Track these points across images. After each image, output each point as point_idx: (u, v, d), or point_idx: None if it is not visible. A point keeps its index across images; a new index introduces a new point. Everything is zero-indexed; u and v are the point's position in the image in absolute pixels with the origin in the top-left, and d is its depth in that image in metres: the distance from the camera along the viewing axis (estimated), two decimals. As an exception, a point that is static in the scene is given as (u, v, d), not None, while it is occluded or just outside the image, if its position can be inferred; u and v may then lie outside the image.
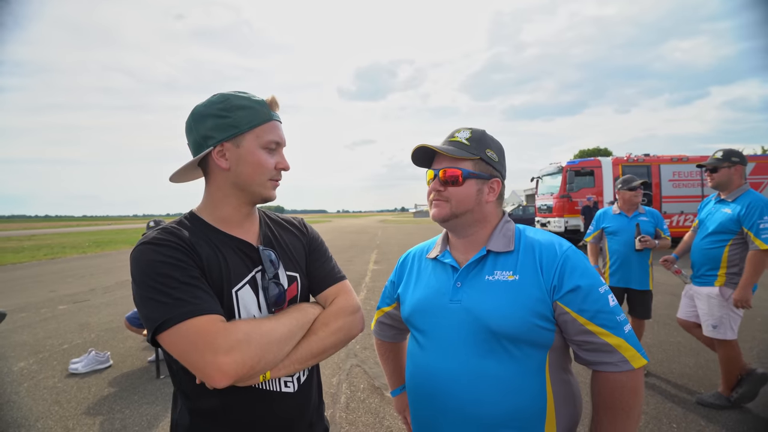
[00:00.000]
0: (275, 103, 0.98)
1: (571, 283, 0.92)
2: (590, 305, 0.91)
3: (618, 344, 0.91)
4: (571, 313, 0.92)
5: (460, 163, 1.01)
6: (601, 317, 0.91)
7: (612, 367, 0.92)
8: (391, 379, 1.39)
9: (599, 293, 0.93)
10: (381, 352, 1.40)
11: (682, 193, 13.51)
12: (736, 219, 2.68)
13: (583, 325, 0.92)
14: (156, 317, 0.80)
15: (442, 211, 1.03)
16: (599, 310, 0.92)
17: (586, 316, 0.91)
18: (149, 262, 0.84)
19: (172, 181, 1.02)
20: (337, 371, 3.79)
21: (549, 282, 0.94)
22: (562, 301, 0.93)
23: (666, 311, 5.47)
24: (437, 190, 1.04)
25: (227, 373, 0.78)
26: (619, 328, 0.92)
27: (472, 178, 1.01)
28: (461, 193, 1.01)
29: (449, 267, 1.07)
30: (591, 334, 0.92)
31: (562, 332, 0.97)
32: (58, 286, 8.87)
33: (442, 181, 1.02)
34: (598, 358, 0.93)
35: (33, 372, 3.94)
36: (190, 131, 0.95)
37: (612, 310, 0.93)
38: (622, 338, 0.91)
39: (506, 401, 0.92)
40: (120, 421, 2.96)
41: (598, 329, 0.91)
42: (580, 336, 0.93)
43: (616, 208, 3.60)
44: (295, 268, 1.07)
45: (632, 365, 0.91)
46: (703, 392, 3.07)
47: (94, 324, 5.61)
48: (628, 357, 0.91)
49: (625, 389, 0.91)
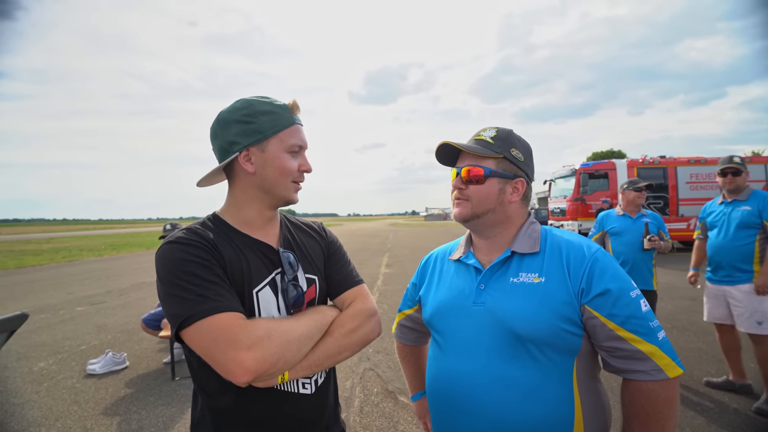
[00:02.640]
0: (296, 106, 1.00)
1: (600, 287, 0.89)
2: (621, 310, 0.88)
3: (651, 351, 0.86)
4: (600, 317, 0.88)
5: (482, 161, 1.00)
6: (632, 322, 0.87)
7: (645, 376, 0.87)
8: (411, 384, 1.36)
9: (630, 297, 0.89)
10: (402, 355, 1.36)
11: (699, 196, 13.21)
12: (756, 213, 2.89)
13: (613, 331, 0.88)
14: (180, 313, 0.82)
15: (464, 211, 1.02)
16: (630, 315, 0.87)
17: (616, 321, 0.87)
18: (175, 260, 0.86)
19: (199, 186, 1.04)
20: (351, 375, 3.79)
21: (577, 285, 0.91)
22: (590, 305, 0.89)
23: (686, 316, 5.35)
24: (459, 188, 1.02)
25: (248, 369, 0.78)
26: (652, 334, 0.87)
27: (494, 176, 0.99)
28: (482, 192, 0.99)
29: (472, 268, 1.05)
30: (622, 341, 0.88)
31: (590, 338, 0.93)
32: (76, 288, 9.06)
33: (464, 179, 1.01)
34: (630, 365, 0.89)
35: (52, 372, 4.03)
36: (215, 137, 0.97)
37: (644, 316, 0.89)
38: (655, 345, 0.87)
39: (531, 408, 0.89)
40: (137, 422, 3.00)
41: (629, 335, 0.87)
42: (610, 342, 0.89)
43: (619, 210, 3.62)
44: (314, 270, 1.07)
45: (667, 374, 0.86)
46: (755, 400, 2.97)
47: (111, 325, 5.71)
48: (662, 365, 0.86)
49: (659, 400, 0.86)
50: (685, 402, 3.03)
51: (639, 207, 3.52)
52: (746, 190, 3.01)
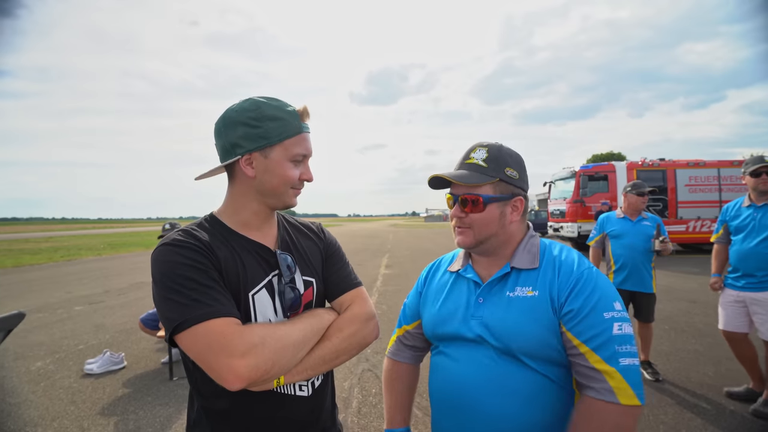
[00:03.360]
0: (306, 113, 0.98)
1: (573, 304, 0.89)
2: (587, 328, 0.86)
3: (607, 371, 0.83)
4: (566, 333, 0.89)
5: (479, 188, 0.97)
6: (596, 341, 0.85)
7: (593, 393, 0.84)
8: (394, 412, 1.17)
9: (602, 318, 0.87)
10: (394, 377, 1.23)
11: (698, 198, 13.23)
12: None
13: (577, 348, 0.87)
14: (174, 317, 0.81)
15: (467, 240, 1.01)
16: (597, 335, 0.86)
17: (580, 338, 0.87)
18: (169, 263, 0.85)
19: (198, 179, 1.03)
20: (349, 375, 3.78)
21: (557, 300, 0.91)
22: (563, 320, 0.90)
23: (684, 318, 5.35)
24: (459, 217, 1.01)
25: (241, 376, 0.78)
26: (614, 357, 0.83)
27: (493, 202, 0.97)
28: (483, 219, 0.98)
29: (471, 282, 1.05)
30: (582, 357, 0.86)
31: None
32: (74, 287, 9.05)
33: (462, 207, 0.99)
34: (585, 381, 0.87)
35: (50, 372, 4.02)
36: (219, 135, 0.96)
37: (613, 338, 0.85)
38: (614, 368, 0.83)
39: (531, 414, 0.90)
40: (134, 422, 2.99)
41: (590, 353, 0.85)
42: (574, 357, 0.89)
43: (620, 212, 3.63)
44: (312, 273, 1.07)
45: (618, 399, 0.81)
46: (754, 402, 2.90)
47: (109, 325, 5.70)
48: (614, 387, 0.82)
49: (607, 424, 0.82)
50: (682, 404, 3.03)
51: (640, 211, 3.53)
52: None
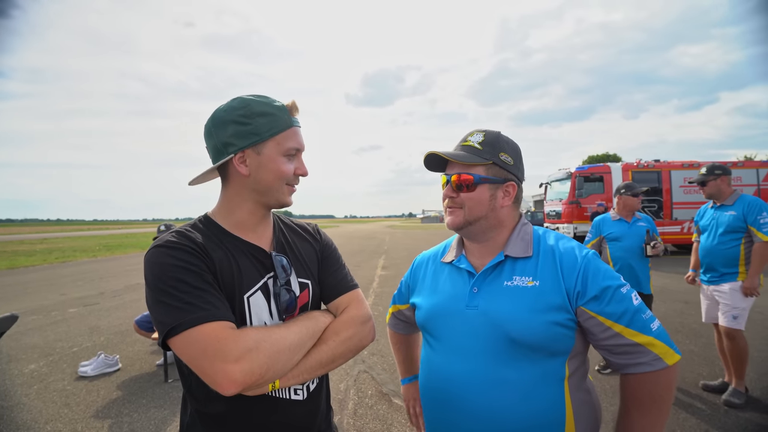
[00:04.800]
0: (295, 107, 0.97)
1: (595, 288, 0.92)
2: (615, 307, 0.91)
3: (648, 342, 0.90)
4: (597, 317, 0.91)
5: (472, 168, 1.01)
6: (627, 317, 0.91)
7: (647, 367, 0.90)
8: (402, 367, 1.41)
9: (622, 294, 0.92)
10: (394, 341, 1.42)
11: (693, 200, 13.31)
12: (741, 218, 3.03)
13: (611, 328, 0.91)
14: (167, 321, 0.80)
15: (456, 219, 1.03)
16: (625, 311, 0.91)
17: (612, 319, 0.91)
18: (162, 265, 0.84)
19: (191, 184, 1.02)
20: (345, 377, 3.77)
21: (572, 288, 0.93)
22: (587, 306, 0.92)
23: (678, 319, 5.38)
24: (450, 197, 1.03)
25: (236, 381, 0.77)
26: (646, 326, 0.91)
27: (485, 183, 1.00)
28: (474, 199, 1.00)
29: (465, 272, 1.06)
30: (619, 336, 0.91)
31: (588, 338, 0.96)
32: (69, 289, 8.98)
33: (454, 186, 1.02)
34: (631, 359, 0.92)
35: (43, 374, 3.98)
36: (209, 136, 0.95)
37: (638, 309, 0.92)
38: (651, 336, 0.90)
39: (524, 408, 0.90)
40: (128, 425, 2.97)
41: (625, 329, 0.90)
42: (610, 339, 0.92)
43: (614, 214, 3.65)
44: (307, 274, 1.06)
45: (666, 362, 0.90)
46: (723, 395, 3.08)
47: (104, 327, 5.66)
48: (660, 354, 0.90)
49: (659, 385, 0.91)
50: (677, 404, 3.04)
51: (635, 211, 3.56)
52: (733, 195, 3.14)
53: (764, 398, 3.07)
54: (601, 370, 3.65)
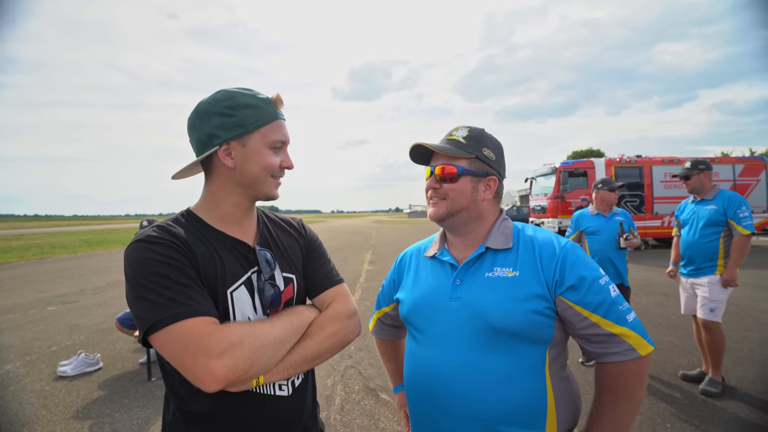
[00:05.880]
0: (280, 100, 0.97)
1: (572, 278, 0.94)
2: (592, 297, 0.93)
3: (623, 333, 0.93)
4: (574, 307, 0.94)
5: (455, 161, 1.03)
6: (603, 308, 0.93)
7: (620, 357, 0.93)
8: (393, 377, 1.42)
9: (600, 285, 0.95)
10: (382, 350, 1.43)
11: (673, 194, 13.66)
12: (721, 212, 3.11)
13: (588, 318, 0.93)
14: (148, 317, 0.78)
15: (439, 210, 1.05)
16: (602, 302, 0.93)
17: (589, 309, 0.93)
18: (142, 260, 0.82)
19: (174, 179, 1.00)
20: (332, 372, 3.77)
21: (550, 277, 0.95)
22: (564, 295, 0.94)
23: (659, 311, 5.52)
24: (434, 188, 1.05)
25: (218, 377, 0.76)
26: (622, 317, 0.94)
27: (467, 175, 1.02)
28: (456, 190, 1.02)
29: (447, 265, 1.08)
30: (596, 326, 0.93)
31: (565, 327, 0.99)
32: (48, 286, 8.72)
33: (438, 178, 1.04)
34: (605, 349, 0.94)
35: (20, 375, 3.86)
36: (193, 128, 0.93)
37: (614, 300, 0.94)
38: (626, 327, 0.93)
39: (507, 398, 0.92)
40: (110, 425, 2.90)
41: (602, 320, 0.93)
42: (586, 329, 0.95)
43: (593, 209, 3.75)
44: (292, 269, 1.05)
45: (639, 353, 0.92)
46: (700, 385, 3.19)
47: (84, 325, 5.52)
48: (634, 345, 0.92)
49: (631, 374, 0.93)
50: (656, 394, 3.13)
51: (612, 206, 3.66)
52: (713, 190, 3.22)
53: (740, 387, 3.18)
54: (584, 363, 3.72)
